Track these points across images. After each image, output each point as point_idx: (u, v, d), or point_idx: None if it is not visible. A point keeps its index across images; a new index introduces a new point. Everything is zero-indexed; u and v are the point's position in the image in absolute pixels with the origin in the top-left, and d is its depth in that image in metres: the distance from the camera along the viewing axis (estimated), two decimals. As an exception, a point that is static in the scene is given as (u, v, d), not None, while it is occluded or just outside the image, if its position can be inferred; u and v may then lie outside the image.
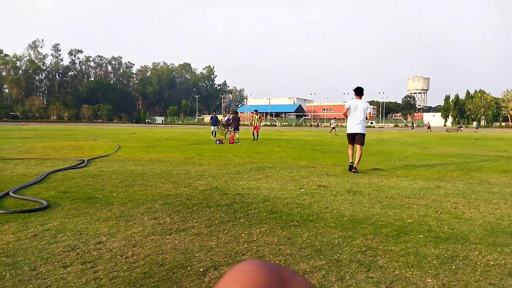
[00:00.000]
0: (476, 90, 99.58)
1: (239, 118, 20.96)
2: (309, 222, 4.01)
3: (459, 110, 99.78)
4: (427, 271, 2.78)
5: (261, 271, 0.52)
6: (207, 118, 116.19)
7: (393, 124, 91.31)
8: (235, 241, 3.40)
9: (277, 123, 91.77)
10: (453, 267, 2.84)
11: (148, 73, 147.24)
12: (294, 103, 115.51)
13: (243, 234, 3.59)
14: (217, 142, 17.47)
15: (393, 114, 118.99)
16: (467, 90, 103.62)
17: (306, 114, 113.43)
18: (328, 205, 4.77)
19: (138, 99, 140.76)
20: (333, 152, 13.09)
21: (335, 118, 47.00)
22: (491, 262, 2.93)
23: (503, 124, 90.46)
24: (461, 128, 56.65)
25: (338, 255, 3.08)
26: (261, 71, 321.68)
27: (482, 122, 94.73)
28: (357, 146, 7.89)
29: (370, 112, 8.20)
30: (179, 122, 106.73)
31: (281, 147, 15.41)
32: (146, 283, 2.56)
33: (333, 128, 34.73)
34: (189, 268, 2.81)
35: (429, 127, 55.19)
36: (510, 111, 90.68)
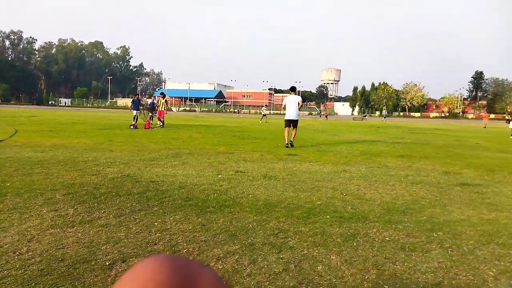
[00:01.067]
0: (380, 83, 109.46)
1: (166, 102, 19.83)
2: (225, 207, 4.02)
3: (365, 100, 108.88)
4: (332, 249, 2.99)
5: (165, 267, 0.48)
6: (121, 102, 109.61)
7: (308, 112, 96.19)
8: (146, 231, 3.26)
9: (196, 109, 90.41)
10: (355, 244, 3.10)
11: (53, 50, 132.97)
12: (214, 88, 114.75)
13: (156, 223, 3.46)
14: (131, 127, 16.58)
15: (308, 103, 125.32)
16: (372, 82, 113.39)
17: (227, 100, 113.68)
18: (244, 190, 4.84)
19: (40, 79, 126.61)
20: (251, 138, 13.33)
21: (266, 105, 47.06)
22: (387, 238, 3.25)
23: (401, 113, 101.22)
24: (366, 117, 62.08)
25: (252, 239, 3.15)
26: (180, 54, 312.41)
27: (384, 112, 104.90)
28: (293, 129, 10.68)
29: (300, 102, 10.79)
30: (88, 105, 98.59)
31: (200, 133, 15.23)
32: (42, 281, 2.32)
33: (264, 115, 34.51)
34: (93, 262, 2.63)
35: (326, 116, 59.45)
36: (408, 102, 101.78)
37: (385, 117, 58.14)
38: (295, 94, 10.97)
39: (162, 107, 18.62)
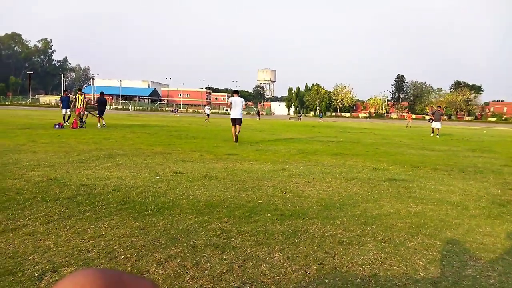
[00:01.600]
0: (313, 84, 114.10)
1: (105, 100, 18.36)
2: (165, 210, 3.87)
3: (300, 100, 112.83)
4: (274, 246, 3.01)
5: (96, 281, 0.42)
6: (44, 99, 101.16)
7: (246, 112, 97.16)
8: (78, 238, 3.02)
9: (130, 107, 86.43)
10: (296, 241, 3.16)
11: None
12: (148, 86, 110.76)
13: (88, 229, 3.22)
14: (57, 126, 15.35)
15: (246, 103, 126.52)
16: (306, 83, 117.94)
17: (162, 98, 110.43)
18: (184, 191, 4.71)
19: None
20: (190, 138, 13.07)
21: (208, 103, 46.26)
22: (325, 234, 3.36)
23: (333, 114, 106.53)
24: (301, 117, 64.33)
25: (194, 241, 3.06)
26: (110, 49, 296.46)
27: (318, 112, 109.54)
28: (238, 126, 11.87)
29: (244, 104, 12.26)
30: (7, 103, 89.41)
31: (135, 132, 14.57)
32: (-47, 303, 2.02)
33: (208, 115, 33.81)
34: (20, 274, 2.37)
35: (258, 115, 60.65)
36: (339, 103, 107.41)
37: (321, 117, 60.66)
38: (237, 96, 12.14)
39: (80, 104, 16.82)
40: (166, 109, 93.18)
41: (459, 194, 5.13)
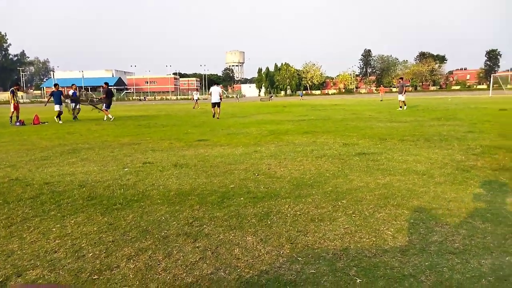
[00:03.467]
0: (282, 63, 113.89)
1: (111, 92, 16.94)
2: (134, 202, 3.78)
3: (270, 81, 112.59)
4: (247, 230, 3.01)
5: None
6: (2, 96, 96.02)
7: (89, 99, 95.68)
8: (44, 239, 2.90)
9: (94, 99, 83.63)
10: (269, 222, 3.16)
11: None
12: (113, 75, 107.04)
13: (54, 229, 3.10)
14: (17, 123, 14.62)
15: (214, 85, 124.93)
16: (275, 63, 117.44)
17: (128, 87, 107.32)
18: (154, 181, 4.61)
19: None
20: (159, 126, 12.80)
21: (197, 89, 44.53)
22: (298, 212, 3.39)
23: (304, 92, 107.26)
24: (272, 98, 64.34)
25: (166, 231, 3.01)
26: (70, 39, 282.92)
27: (288, 91, 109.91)
28: (217, 109, 16.07)
29: (221, 91, 16.66)
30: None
31: (100, 125, 14.12)
32: None
33: (196, 100, 32.07)
34: (-19, 283, 2.25)
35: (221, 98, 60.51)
36: (309, 81, 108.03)
37: (302, 96, 60.75)
38: (217, 86, 17.61)
39: (14, 99, 15.23)
40: (133, 98, 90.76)
41: (425, 163, 5.30)
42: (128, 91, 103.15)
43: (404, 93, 19.70)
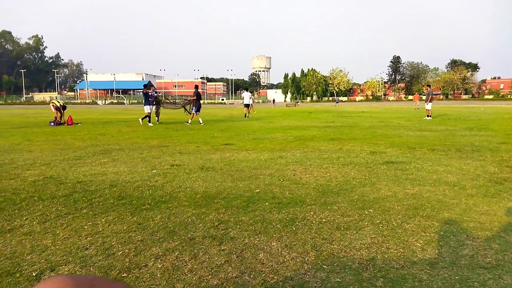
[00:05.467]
0: (308, 69, 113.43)
1: (200, 94, 16.19)
2: (162, 203, 3.87)
3: (296, 86, 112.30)
4: (272, 235, 3.02)
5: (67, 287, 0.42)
6: (38, 97, 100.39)
7: (242, 101, 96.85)
8: (76, 236, 3.01)
9: (125, 101, 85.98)
10: (294, 228, 3.16)
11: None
12: (143, 79, 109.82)
13: (85, 227, 3.21)
14: (51, 123, 15.26)
15: (241, 90, 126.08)
16: (302, 69, 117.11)
17: (157, 91, 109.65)
18: (181, 183, 4.70)
19: None
20: (186, 129, 13.03)
21: (247, 90, 36.57)
22: (323, 220, 3.37)
23: (330, 98, 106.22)
24: (298, 103, 64.19)
25: (192, 233, 3.06)
26: (102, 43, 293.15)
27: (314, 97, 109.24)
28: (247, 109, 21.68)
29: (251, 96, 21.03)
30: (0, 102, 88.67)
31: (131, 126, 14.51)
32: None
33: (249, 105, 23.50)
34: (18, 275, 2.37)
35: (273, 102, 60.73)
36: (335, 87, 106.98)
37: (337, 102, 60.00)
38: (247, 91, 22.79)
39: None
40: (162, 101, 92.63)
41: (456, 174, 5.14)
42: (157, 94, 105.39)
43: (427, 102, 18.98)
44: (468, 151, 7.19)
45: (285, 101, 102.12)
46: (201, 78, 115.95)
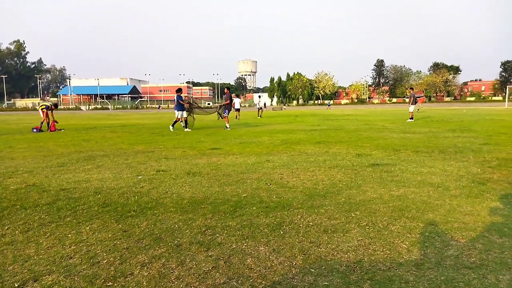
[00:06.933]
0: (294, 73, 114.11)
1: (231, 97, 15.67)
2: (148, 210, 3.82)
3: (282, 90, 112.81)
4: (260, 240, 3.01)
5: None
6: (20, 103, 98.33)
7: (216, 105, 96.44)
8: (59, 244, 2.95)
9: (109, 106, 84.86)
10: (281, 233, 3.16)
11: None
12: (127, 84, 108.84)
13: (69, 235, 3.14)
14: (34, 130, 14.95)
15: (233, 96, 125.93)
16: (287, 72, 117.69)
17: (142, 96, 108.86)
18: (167, 189, 4.65)
19: None
20: (172, 134, 12.93)
21: (260, 95, 36.45)
22: (310, 223, 3.37)
23: (316, 102, 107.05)
24: (284, 107, 64.47)
25: (179, 239, 3.03)
26: (86, 47, 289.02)
27: (300, 101, 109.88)
28: (238, 113, 23.52)
29: (241, 101, 22.74)
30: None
31: (115, 132, 14.33)
32: None
33: (260, 108, 28.17)
34: (-1, 286, 2.30)
35: (265, 106, 60.58)
36: (321, 91, 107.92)
37: (329, 105, 60.18)
38: (237, 97, 23.20)
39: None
40: (147, 106, 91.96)
41: (440, 175, 5.22)
42: (142, 99, 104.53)
43: (414, 104, 19.47)
44: (451, 152, 7.33)
45: (271, 104, 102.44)
46: (187, 82, 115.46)
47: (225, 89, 16.69)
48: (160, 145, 9.42)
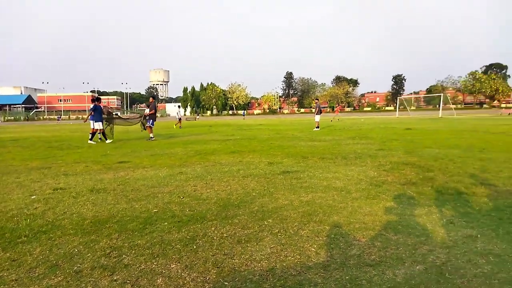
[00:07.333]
0: (208, 83, 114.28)
1: (156, 107, 15.12)
2: (42, 234, 3.40)
3: (196, 100, 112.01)
4: (171, 257, 2.87)
5: None
6: None
7: (139, 115, 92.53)
8: None
9: (-1, 118, 74.95)
10: (194, 247, 3.06)
11: None
12: (21, 93, 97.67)
13: None
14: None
15: (138, 105, 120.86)
16: (201, 82, 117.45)
17: (39, 106, 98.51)
18: (66, 209, 4.20)
19: None
20: (73, 148, 11.84)
21: (179, 105, 36.00)
22: (224, 234, 3.33)
23: (230, 112, 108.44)
24: (198, 117, 64.00)
25: (79, 265, 2.73)
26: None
27: (214, 111, 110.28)
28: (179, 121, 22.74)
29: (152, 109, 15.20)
30: None
31: (5, 147, 12.65)
32: None
33: (180, 119, 28.56)
34: None
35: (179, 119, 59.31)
36: (234, 101, 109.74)
37: (244, 115, 60.53)
38: (148, 107, 15.67)
39: None
40: (44, 117, 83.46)
41: (343, 180, 5.62)
42: (39, 109, 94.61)
43: (320, 114, 20.77)
44: (352, 158, 7.97)
45: (184, 114, 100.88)
46: (91, 91, 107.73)
47: (150, 98, 16.18)
48: (59, 160, 8.54)
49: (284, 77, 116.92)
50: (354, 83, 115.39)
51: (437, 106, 60.04)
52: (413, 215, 3.82)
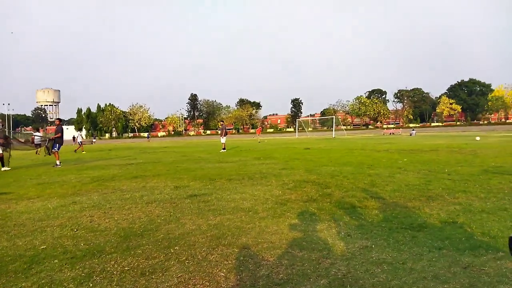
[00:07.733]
0: (106, 104, 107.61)
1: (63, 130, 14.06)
2: None
3: (92, 122, 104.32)
4: (63, 300, 2.52)
5: None
6: None
7: (24, 139, 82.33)
8: None
9: None
10: (91, 285, 2.74)
11: None
12: None
13: None
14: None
15: (23, 128, 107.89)
16: (98, 103, 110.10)
17: None
18: None
19: None
20: None
21: (80, 129, 33.70)
22: (126, 268, 3.06)
23: (131, 134, 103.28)
24: (94, 140, 59.46)
25: None
26: None
27: (114, 134, 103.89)
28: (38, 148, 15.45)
29: (40, 135, 13.72)
30: None
31: None
32: None
33: (80, 143, 27.23)
34: None
35: (74, 140, 54.51)
36: (136, 123, 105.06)
37: (148, 138, 57.11)
38: (37, 131, 16.43)
39: None
40: None
41: (250, 200, 5.70)
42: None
43: (225, 135, 21.05)
44: (258, 178, 8.18)
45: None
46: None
47: (56, 120, 14.56)
48: None
49: (189, 99, 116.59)
50: (257, 105, 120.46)
51: (330, 127, 66.09)
52: (316, 231, 4.02)
